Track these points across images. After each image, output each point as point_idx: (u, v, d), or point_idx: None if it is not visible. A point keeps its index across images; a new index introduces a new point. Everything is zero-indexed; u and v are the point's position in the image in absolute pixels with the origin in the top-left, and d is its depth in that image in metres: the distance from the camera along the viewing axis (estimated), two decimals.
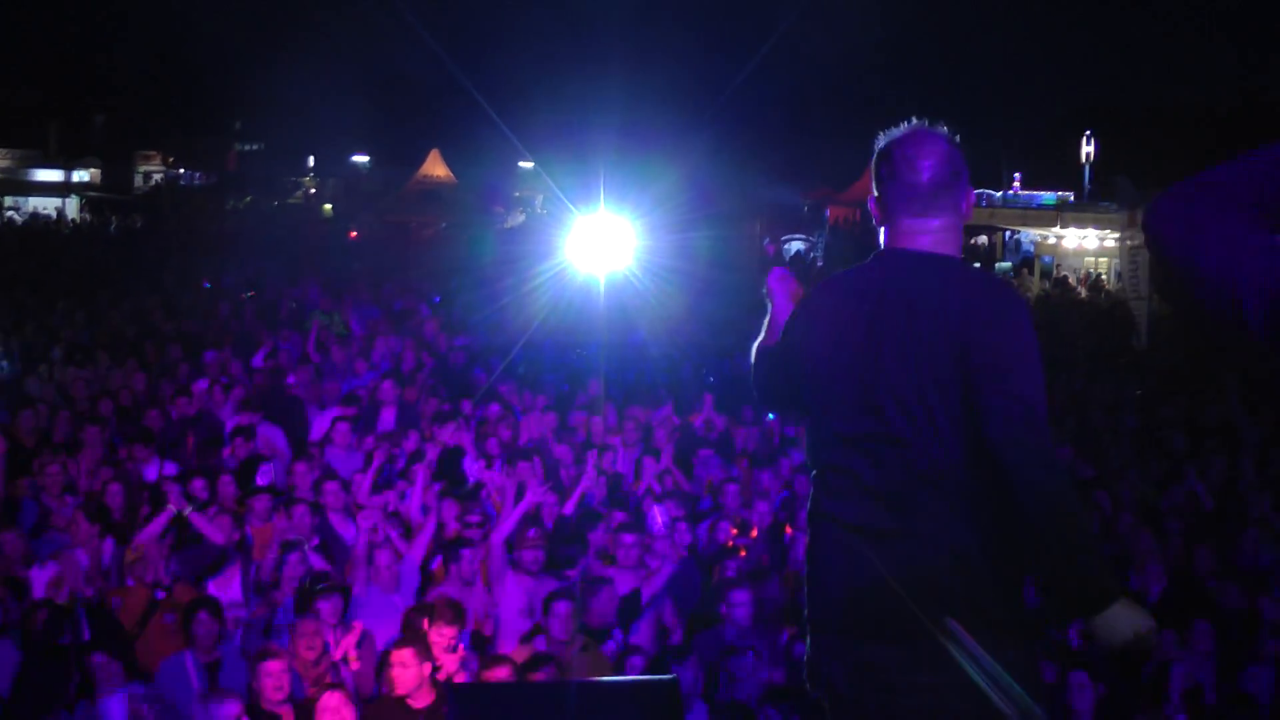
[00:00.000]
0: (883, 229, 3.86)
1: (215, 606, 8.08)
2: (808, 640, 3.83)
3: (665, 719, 4.70)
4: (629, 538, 9.68)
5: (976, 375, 3.49)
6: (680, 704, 5.13)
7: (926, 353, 3.56)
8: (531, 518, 10.23)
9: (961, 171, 3.84)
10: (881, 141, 3.88)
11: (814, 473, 3.87)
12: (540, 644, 8.10)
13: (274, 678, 7.00)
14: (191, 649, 7.78)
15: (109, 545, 9.37)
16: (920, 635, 3.51)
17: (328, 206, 64.87)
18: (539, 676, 6.97)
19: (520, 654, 7.79)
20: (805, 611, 3.85)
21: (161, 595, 8.65)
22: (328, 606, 8.14)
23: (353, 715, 6.55)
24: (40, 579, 8.49)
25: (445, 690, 6.66)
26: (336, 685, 6.80)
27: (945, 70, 71.75)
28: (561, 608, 8.13)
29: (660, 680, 5.65)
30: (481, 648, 8.52)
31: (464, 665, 7.74)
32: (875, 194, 3.86)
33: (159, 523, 9.20)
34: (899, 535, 3.59)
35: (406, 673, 7.12)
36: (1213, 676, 8.86)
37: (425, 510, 10.22)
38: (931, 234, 3.76)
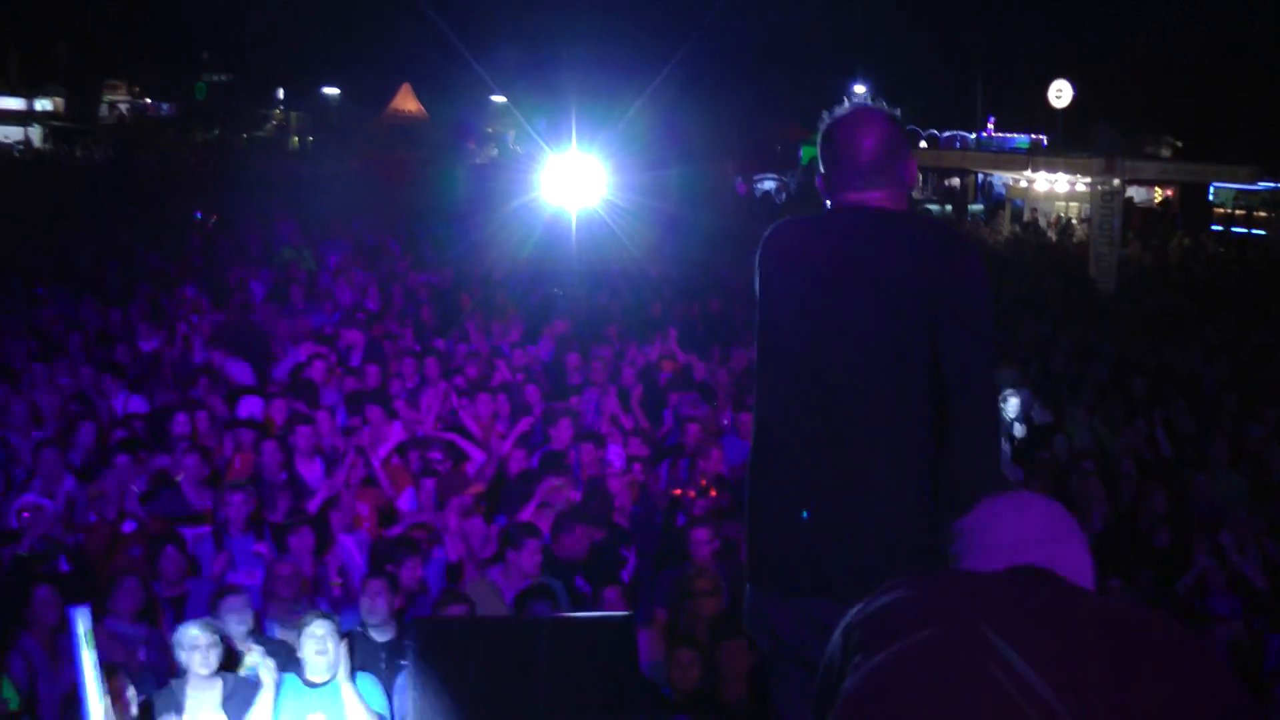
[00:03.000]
0: (828, 203, 3.99)
1: (181, 541, 8.18)
2: (747, 587, 3.94)
3: (621, 654, 4.83)
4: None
5: (945, 322, 3.64)
6: (635, 640, 5.25)
7: (888, 302, 3.68)
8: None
9: (902, 144, 3.97)
10: (824, 123, 3.98)
11: (757, 422, 3.95)
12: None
13: (236, 613, 7.10)
14: (158, 583, 7.87)
15: (70, 482, 9.36)
16: (866, 591, 3.63)
17: (295, 140, 64.48)
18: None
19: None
20: (745, 560, 3.95)
21: (131, 527, 8.71)
22: (296, 540, 8.24)
23: (336, 645, 6.66)
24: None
25: (407, 624, 6.78)
26: (322, 614, 6.89)
27: (921, 9, 71.50)
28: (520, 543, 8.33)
29: (616, 616, 5.79)
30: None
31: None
32: (821, 171, 3.99)
33: (123, 461, 9.25)
34: (844, 489, 3.70)
35: (376, 603, 7.25)
36: None
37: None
38: (877, 202, 3.88)
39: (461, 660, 4.99)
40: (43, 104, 68.30)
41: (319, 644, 6.62)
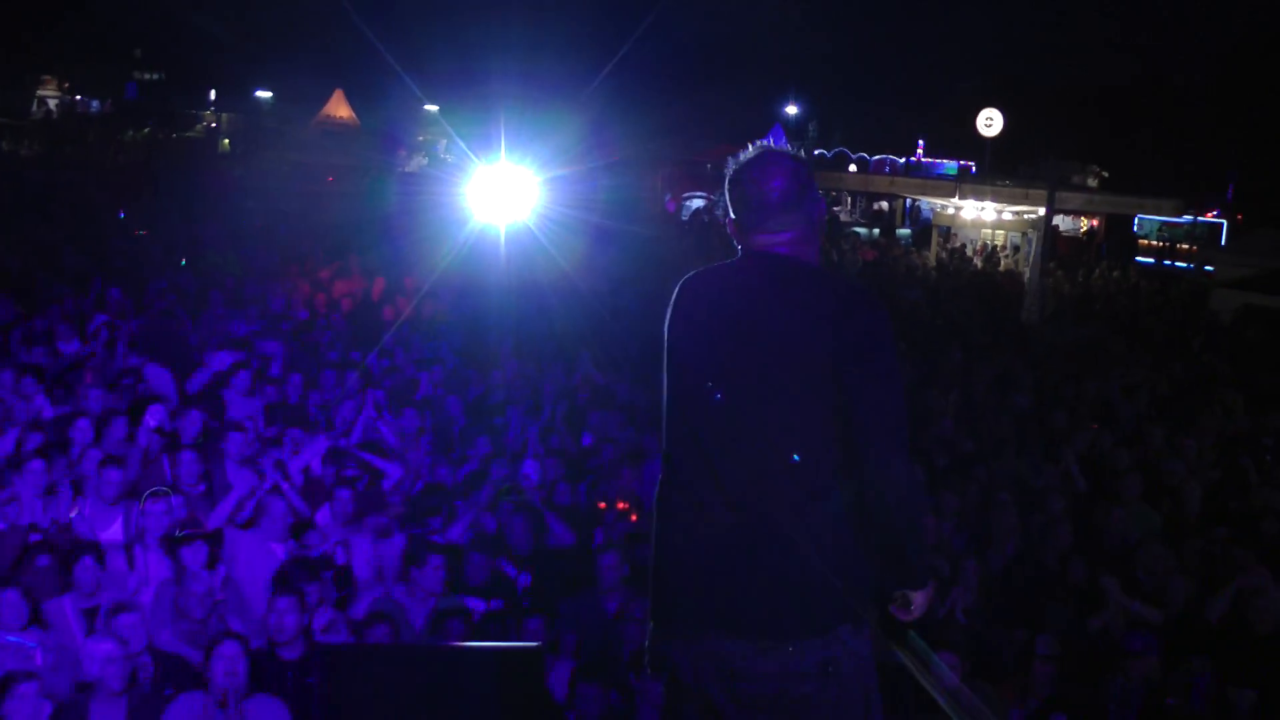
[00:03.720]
0: (739, 247, 4.07)
1: (99, 553, 8.09)
2: (650, 625, 4.01)
3: (528, 684, 4.84)
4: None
5: (851, 374, 3.73)
6: (543, 670, 5.26)
7: (794, 358, 3.76)
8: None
9: (809, 184, 4.05)
10: (730, 168, 4.07)
11: (666, 460, 4.01)
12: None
13: (130, 629, 7.03)
14: (71, 593, 7.79)
15: None
16: (767, 626, 3.71)
17: (226, 142, 63.96)
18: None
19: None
20: (651, 597, 4.03)
21: (37, 538, 8.59)
22: (189, 553, 8.15)
23: (245, 666, 6.60)
24: None
25: (313, 648, 6.76)
26: (231, 634, 6.84)
27: (854, 33, 72.00)
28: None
29: (526, 647, 5.79)
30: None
31: (332, 625, 7.82)
32: (732, 216, 4.05)
33: (36, 467, 9.11)
34: (749, 531, 3.77)
35: (284, 620, 7.19)
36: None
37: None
38: (787, 245, 3.96)
39: (369, 688, 4.98)
40: None
41: (228, 664, 6.57)
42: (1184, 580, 10.06)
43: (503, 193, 18.52)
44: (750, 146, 4.10)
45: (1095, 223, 52.16)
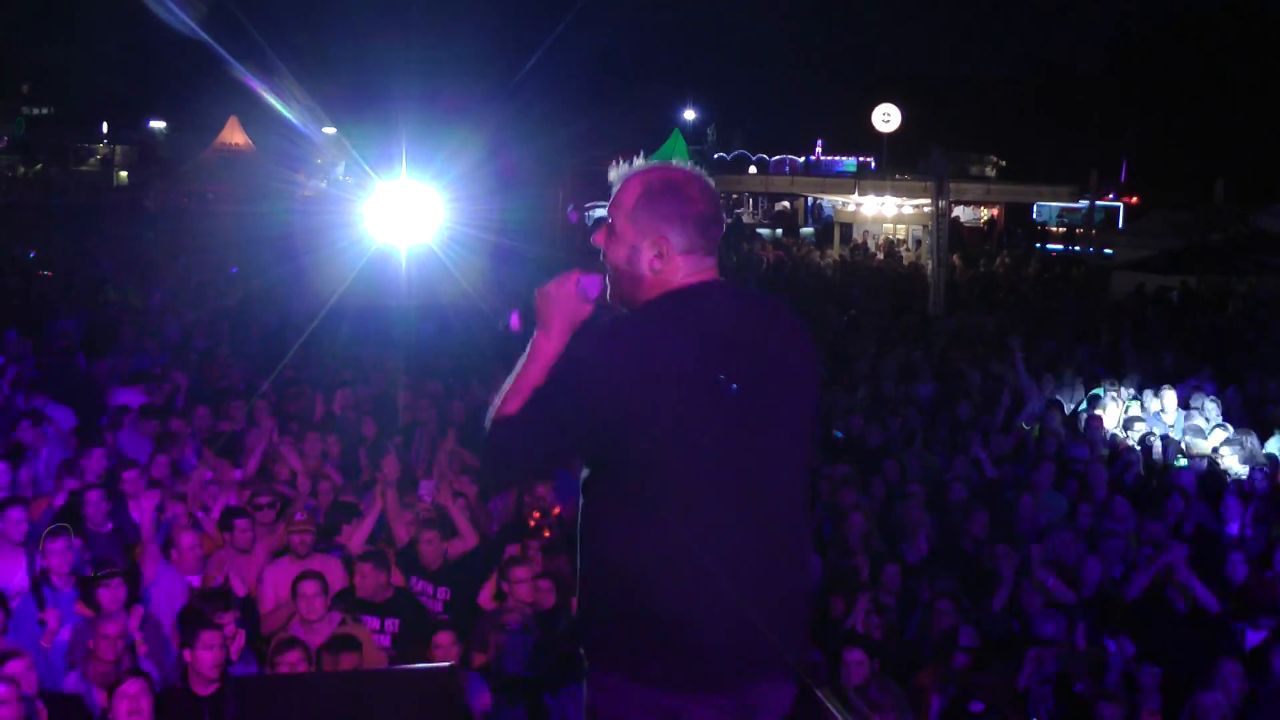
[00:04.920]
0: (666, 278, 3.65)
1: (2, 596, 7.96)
2: (628, 687, 3.60)
3: (447, 705, 4.83)
4: None
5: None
6: (461, 690, 5.26)
7: (799, 397, 3.68)
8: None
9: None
10: (653, 185, 3.68)
11: (661, 534, 3.50)
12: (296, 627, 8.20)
13: (22, 674, 6.90)
14: None
15: None
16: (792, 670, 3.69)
17: (123, 174, 63.38)
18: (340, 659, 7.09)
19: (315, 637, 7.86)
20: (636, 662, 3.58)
21: None
22: (107, 594, 8.03)
23: (150, 704, 6.53)
24: None
25: (226, 682, 6.71)
26: (136, 672, 6.76)
27: (748, 36, 72.57)
28: (309, 587, 8.26)
29: (440, 667, 5.79)
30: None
31: (243, 655, 7.76)
32: (666, 238, 3.62)
33: None
34: (780, 566, 3.63)
35: (201, 656, 7.13)
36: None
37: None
38: (714, 270, 3.69)
39: (285, 718, 4.95)
40: None
41: (131, 703, 6.49)
42: (1098, 561, 10.22)
43: (404, 212, 18.40)
44: (641, 158, 3.80)
45: (996, 212, 52.84)
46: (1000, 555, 9.95)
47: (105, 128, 74.37)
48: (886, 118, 52.80)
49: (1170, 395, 15.25)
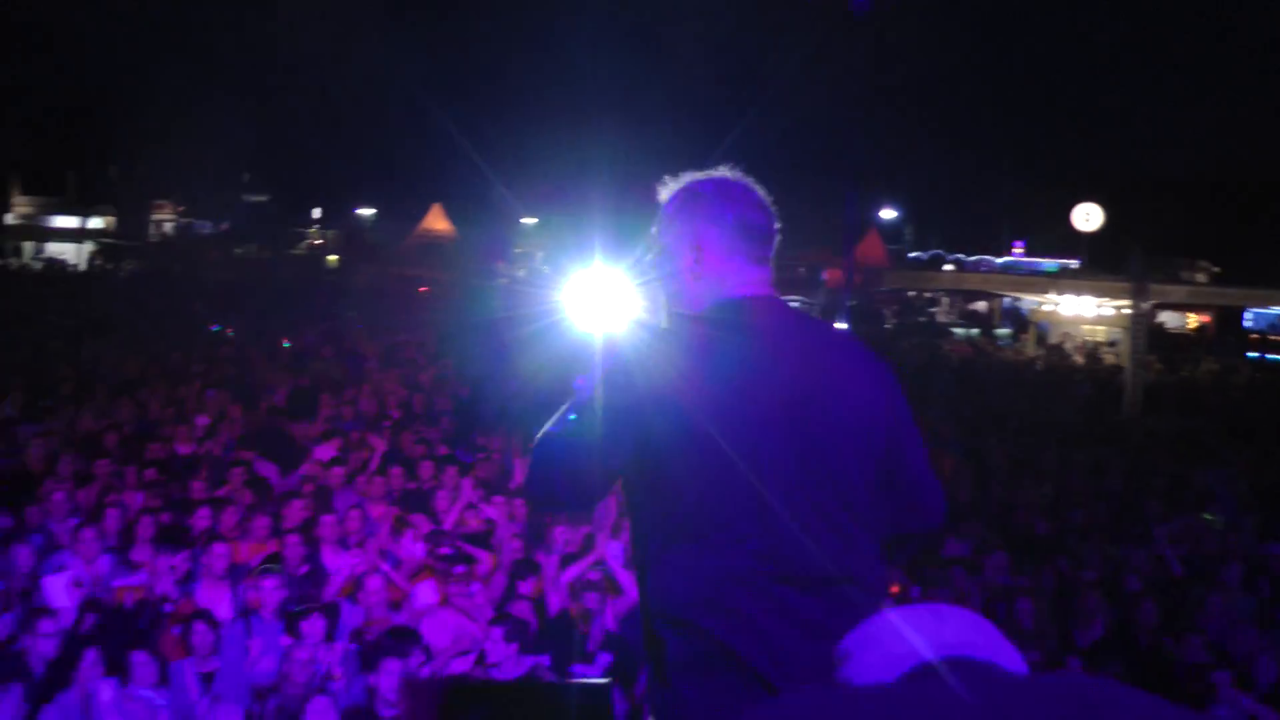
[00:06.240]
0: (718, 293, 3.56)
1: (211, 619, 8.63)
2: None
3: (601, 717, 5.14)
4: None
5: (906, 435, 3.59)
6: (613, 705, 5.52)
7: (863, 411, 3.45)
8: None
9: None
10: (704, 198, 3.62)
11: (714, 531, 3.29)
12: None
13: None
14: (190, 658, 8.33)
15: (107, 561, 9.88)
16: None
17: (333, 258, 65.61)
18: None
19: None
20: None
21: (170, 609, 9.21)
22: (307, 626, 8.66)
23: None
24: (54, 586, 9.09)
25: (403, 684, 7.19)
26: (323, 691, 7.31)
27: (949, 135, 72.38)
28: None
29: (598, 683, 6.13)
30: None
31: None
32: (698, 249, 3.59)
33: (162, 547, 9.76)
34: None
35: (388, 682, 7.67)
36: None
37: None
38: (769, 284, 3.60)
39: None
40: (95, 222, 70.55)
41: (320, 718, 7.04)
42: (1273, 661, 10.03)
43: (599, 299, 18.90)
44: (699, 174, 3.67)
45: (1206, 319, 51.69)
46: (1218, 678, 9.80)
47: (317, 214, 77.38)
48: (1088, 217, 52.37)
49: None
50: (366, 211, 74.59)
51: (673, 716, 3.31)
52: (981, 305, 58.07)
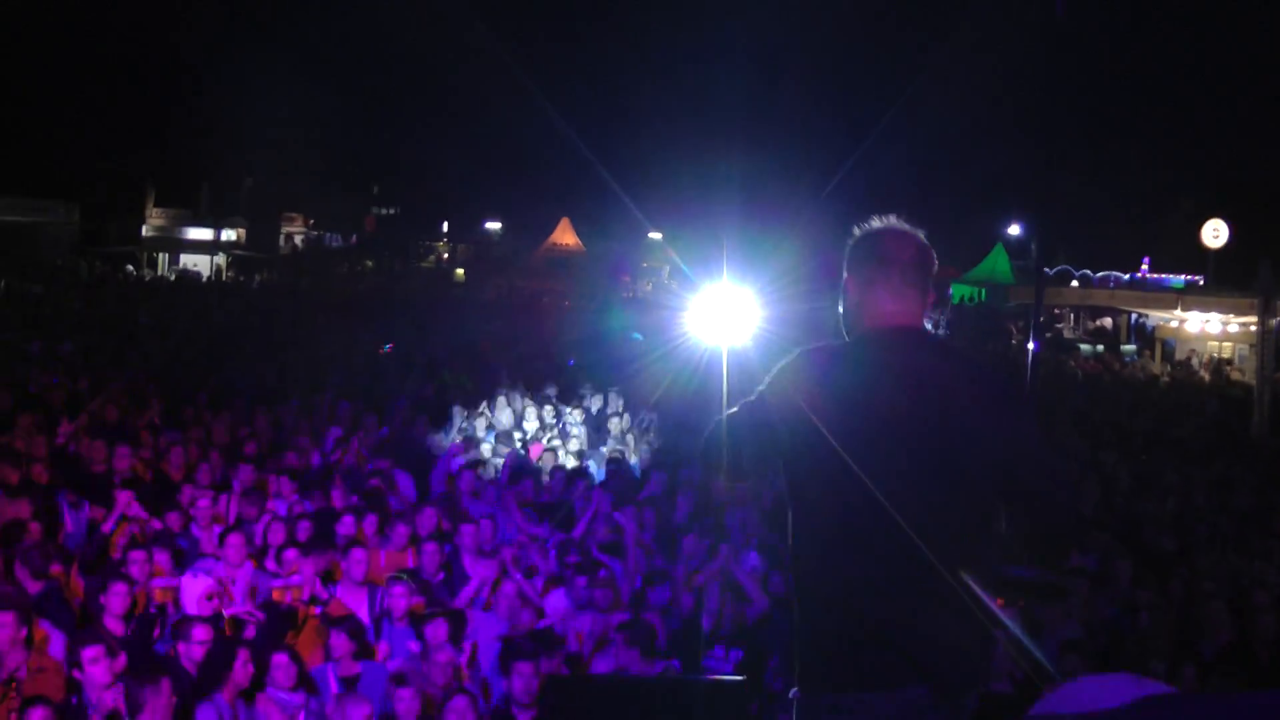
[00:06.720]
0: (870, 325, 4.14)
1: (354, 623, 8.97)
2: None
3: (736, 714, 5.35)
4: None
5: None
6: (747, 703, 5.73)
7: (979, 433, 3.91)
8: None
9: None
10: (875, 243, 4.24)
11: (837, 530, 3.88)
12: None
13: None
14: (331, 662, 8.66)
15: (249, 567, 10.25)
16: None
17: (460, 271, 66.34)
18: None
19: None
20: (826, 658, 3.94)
21: (319, 610, 9.59)
22: (431, 630, 8.97)
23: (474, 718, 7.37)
24: (193, 590, 9.44)
25: (543, 680, 7.45)
26: (463, 690, 7.62)
27: (1075, 152, 71.55)
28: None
29: (734, 680, 6.32)
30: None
31: None
32: (851, 288, 4.22)
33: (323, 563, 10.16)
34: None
35: (520, 683, 7.96)
36: None
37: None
38: (915, 316, 4.17)
39: (591, 714, 5.56)
40: (228, 234, 72.12)
41: (458, 717, 7.34)
42: None
43: (725, 314, 19.05)
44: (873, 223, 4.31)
45: None
46: None
47: (445, 227, 78.24)
48: (1216, 233, 51.62)
49: None
50: (494, 225, 75.24)
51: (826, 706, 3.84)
52: (1107, 321, 57.38)
